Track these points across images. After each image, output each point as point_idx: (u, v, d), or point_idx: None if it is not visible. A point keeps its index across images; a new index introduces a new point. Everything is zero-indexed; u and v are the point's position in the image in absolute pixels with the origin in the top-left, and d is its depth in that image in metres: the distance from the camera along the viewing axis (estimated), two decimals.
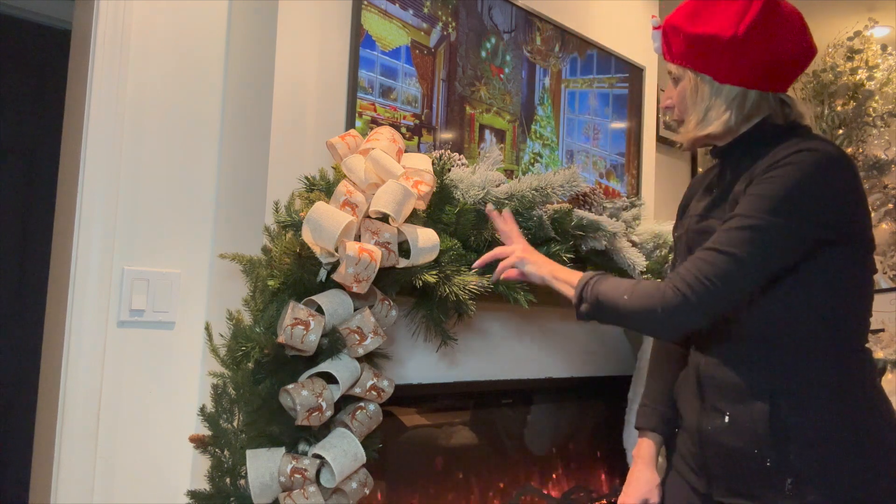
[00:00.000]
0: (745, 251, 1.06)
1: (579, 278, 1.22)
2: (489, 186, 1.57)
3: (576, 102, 2.27)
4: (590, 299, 1.18)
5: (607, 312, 1.17)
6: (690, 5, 1.20)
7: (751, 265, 1.06)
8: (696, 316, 1.08)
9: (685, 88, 1.22)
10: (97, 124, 1.50)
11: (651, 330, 1.15)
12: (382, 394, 1.36)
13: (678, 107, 1.26)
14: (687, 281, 1.08)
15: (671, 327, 1.11)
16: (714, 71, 1.17)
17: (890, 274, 2.84)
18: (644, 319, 1.12)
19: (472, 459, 1.95)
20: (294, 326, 1.23)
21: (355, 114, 1.66)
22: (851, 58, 3.05)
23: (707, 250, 1.10)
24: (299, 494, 1.24)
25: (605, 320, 1.21)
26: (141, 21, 1.58)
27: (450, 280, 1.42)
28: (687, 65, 1.20)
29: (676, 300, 1.08)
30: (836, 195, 1.08)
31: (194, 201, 1.65)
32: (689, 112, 1.23)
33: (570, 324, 2.13)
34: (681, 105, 1.25)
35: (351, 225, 1.29)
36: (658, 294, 1.10)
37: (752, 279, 1.08)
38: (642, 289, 1.13)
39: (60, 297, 1.53)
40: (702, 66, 1.18)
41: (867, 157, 2.93)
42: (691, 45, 1.18)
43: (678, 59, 1.22)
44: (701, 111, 1.21)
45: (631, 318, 1.15)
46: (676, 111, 1.27)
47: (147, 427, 1.56)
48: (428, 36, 1.84)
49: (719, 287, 1.06)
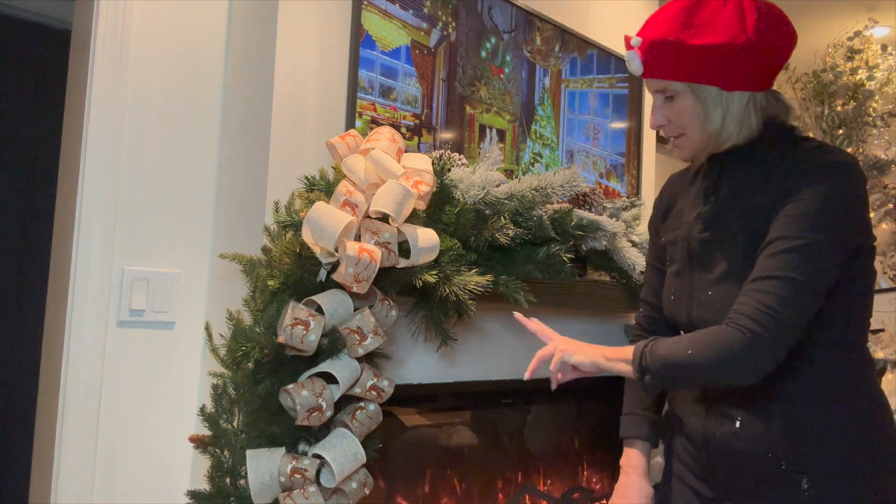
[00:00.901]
0: (801, 273, 1.03)
1: (633, 351, 1.15)
2: (489, 186, 1.57)
3: (576, 102, 2.27)
4: (653, 368, 1.11)
5: (677, 374, 1.10)
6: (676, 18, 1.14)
7: (810, 285, 1.04)
8: (774, 351, 1.03)
9: (687, 105, 1.17)
10: (97, 124, 1.50)
11: (731, 378, 1.06)
12: (382, 394, 1.36)
13: (676, 123, 1.20)
14: (752, 317, 1.03)
15: (752, 369, 1.04)
16: (723, 80, 1.14)
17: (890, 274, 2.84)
18: (720, 369, 1.05)
19: (472, 459, 1.95)
20: (294, 326, 1.23)
21: (355, 114, 1.66)
22: (851, 58, 3.05)
23: (761, 280, 1.05)
24: (299, 494, 1.24)
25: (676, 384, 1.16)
26: (141, 21, 1.58)
27: (450, 280, 1.42)
28: (689, 79, 1.15)
29: (749, 339, 1.03)
30: (865, 204, 1.11)
31: (194, 201, 1.65)
32: (696, 127, 1.18)
33: (570, 324, 2.13)
34: (681, 121, 1.19)
35: (351, 225, 1.29)
36: (725, 339, 1.05)
37: (815, 299, 1.05)
38: (705, 338, 1.07)
39: (60, 297, 1.53)
40: (708, 77, 1.14)
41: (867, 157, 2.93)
42: (695, 58, 1.13)
43: (675, 75, 1.16)
44: (716, 123, 1.16)
45: (705, 372, 1.07)
46: (674, 128, 1.22)
47: (147, 427, 1.56)
48: (428, 36, 1.84)
49: (787, 315, 1.03)
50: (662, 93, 1.20)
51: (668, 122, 1.21)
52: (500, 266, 1.57)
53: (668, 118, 1.21)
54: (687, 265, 1.24)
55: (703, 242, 1.20)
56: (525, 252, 1.60)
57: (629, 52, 1.20)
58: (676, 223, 1.30)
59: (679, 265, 1.27)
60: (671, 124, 1.21)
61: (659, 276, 1.38)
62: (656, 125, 1.23)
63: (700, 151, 1.22)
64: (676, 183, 1.38)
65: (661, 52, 1.15)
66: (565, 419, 2.27)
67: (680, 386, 1.19)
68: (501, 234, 1.56)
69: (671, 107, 1.20)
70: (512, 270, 1.56)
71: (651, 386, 1.12)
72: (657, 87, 1.20)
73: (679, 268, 1.27)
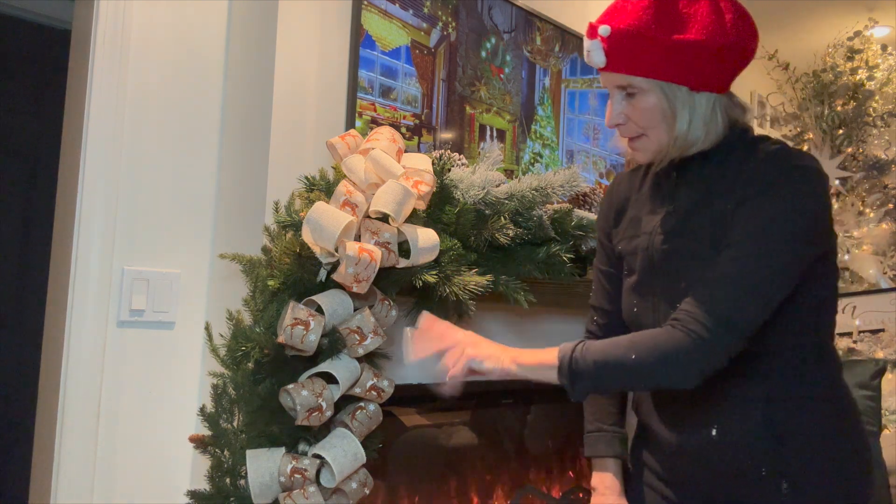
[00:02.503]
0: (753, 280, 1.00)
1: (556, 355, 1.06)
2: (489, 186, 1.57)
3: (576, 102, 2.27)
4: (587, 372, 1.03)
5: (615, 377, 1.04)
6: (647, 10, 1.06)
7: (762, 293, 1.00)
8: (717, 356, 1.00)
9: (651, 104, 1.08)
10: (97, 124, 1.50)
11: (672, 381, 1.02)
12: (382, 394, 1.36)
13: (638, 123, 1.11)
14: (700, 320, 0.99)
15: (695, 373, 1.00)
16: (693, 79, 1.07)
17: (890, 274, 2.84)
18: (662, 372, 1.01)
19: (472, 459, 1.95)
20: (294, 326, 1.23)
21: (355, 114, 1.66)
22: (851, 58, 3.06)
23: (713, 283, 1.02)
24: (299, 494, 1.24)
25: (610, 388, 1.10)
26: (141, 21, 1.58)
27: (450, 280, 1.42)
28: (659, 76, 1.07)
29: (694, 343, 0.99)
30: (826, 209, 1.07)
31: (194, 201, 1.65)
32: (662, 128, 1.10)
33: (570, 324, 2.13)
34: (644, 122, 1.10)
35: (351, 225, 1.29)
36: (670, 342, 1.00)
37: (765, 308, 1.01)
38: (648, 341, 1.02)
39: (60, 297, 1.53)
40: (680, 76, 1.06)
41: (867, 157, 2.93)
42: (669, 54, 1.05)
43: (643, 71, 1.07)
44: (683, 125, 1.08)
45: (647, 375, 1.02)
46: (633, 128, 1.12)
47: (147, 427, 1.56)
48: (428, 36, 1.84)
49: (734, 321, 0.99)
50: (624, 89, 1.10)
51: (628, 120, 1.12)
52: (500, 266, 1.57)
53: (629, 116, 1.11)
54: (649, 277, 1.16)
55: (666, 254, 1.13)
56: (525, 252, 1.60)
57: (591, 41, 1.09)
58: (633, 231, 1.21)
59: (640, 276, 1.18)
60: (631, 124, 1.12)
61: (613, 281, 1.28)
62: (613, 123, 1.13)
63: (663, 155, 1.12)
64: (626, 183, 1.29)
65: (630, 44, 1.06)
66: (565, 419, 2.27)
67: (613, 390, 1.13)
68: (501, 234, 1.56)
69: (633, 105, 1.10)
70: (512, 270, 1.56)
71: (581, 392, 1.05)
72: (619, 82, 1.10)
73: (640, 279, 1.18)
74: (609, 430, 1.27)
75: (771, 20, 3.46)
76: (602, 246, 1.31)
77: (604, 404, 1.29)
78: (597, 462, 1.27)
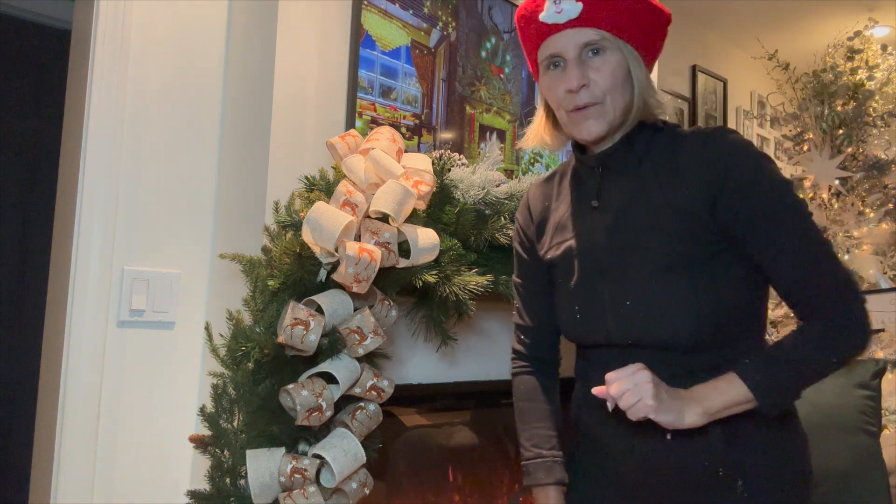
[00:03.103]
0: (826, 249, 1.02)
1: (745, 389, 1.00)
2: (489, 186, 1.57)
3: None
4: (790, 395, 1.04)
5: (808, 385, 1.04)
6: None
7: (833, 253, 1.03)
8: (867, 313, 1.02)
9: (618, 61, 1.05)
10: (97, 124, 1.50)
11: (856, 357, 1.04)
12: (382, 394, 1.36)
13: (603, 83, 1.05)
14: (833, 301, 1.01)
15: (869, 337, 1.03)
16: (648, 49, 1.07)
17: (890, 274, 2.83)
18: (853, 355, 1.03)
19: (472, 459, 1.95)
20: (294, 326, 1.23)
21: (355, 114, 1.66)
22: (851, 58, 3.05)
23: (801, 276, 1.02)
24: (299, 494, 1.24)
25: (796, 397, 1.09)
26: (141, 21, 1.58)
27: (450, 280, 1.42)
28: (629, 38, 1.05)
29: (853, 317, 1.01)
30: None
31: (194, 201, 1.65)
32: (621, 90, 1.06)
33: None
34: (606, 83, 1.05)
35: (351, 225, 1.29)
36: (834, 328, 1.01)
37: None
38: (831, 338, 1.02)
39: (60, 298, 1.53)
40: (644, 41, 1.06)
41: (867, 157, 2.92)
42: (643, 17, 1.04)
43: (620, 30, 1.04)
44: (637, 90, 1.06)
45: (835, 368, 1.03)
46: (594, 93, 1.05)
47: (147, 427, 1.56)
48: (428, 36, 1.84)
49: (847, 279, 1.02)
50: (590, 46, 1.05)
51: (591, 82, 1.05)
52: (500, 266, 1.57)
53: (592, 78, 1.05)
54: (593, 277, 1.11)
55: (611, 251, 1.09)
56: None
57: None
58: (562, 237, 1.17)
59: (582, 278, 1.12)
60: (593, 86, 1.05)
61: (537, 297, 1.24)
62: (579, 85, 1.04)
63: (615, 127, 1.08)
64: (540, 194, 1.25)
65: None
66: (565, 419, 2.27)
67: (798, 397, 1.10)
68: (501, 234, 1.56)
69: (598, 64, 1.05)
70: (512, 270, 1.56)
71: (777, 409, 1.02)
72: (589, 37, 1.04)
73: (582, 282, 1.12)
74: (549, 456, 1.20)
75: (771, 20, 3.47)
76: (523, 263, 1.27)
77: (539, 428, 1.23)
78: (538, 491, 1.20)
